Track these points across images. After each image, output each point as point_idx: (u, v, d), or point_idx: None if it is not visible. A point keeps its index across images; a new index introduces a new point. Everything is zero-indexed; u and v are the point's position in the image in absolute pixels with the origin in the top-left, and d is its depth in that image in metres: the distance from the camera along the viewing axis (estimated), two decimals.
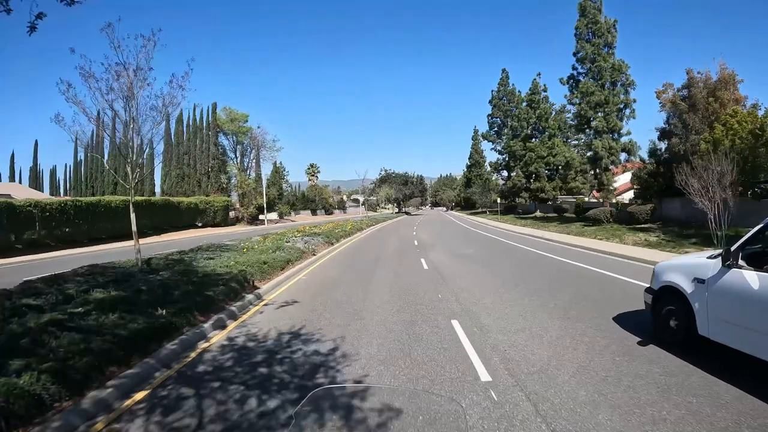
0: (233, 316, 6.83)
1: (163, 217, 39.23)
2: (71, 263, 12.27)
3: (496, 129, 67.41)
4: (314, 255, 13.93)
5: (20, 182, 61.33)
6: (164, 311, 5.95)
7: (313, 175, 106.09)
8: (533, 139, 50.95)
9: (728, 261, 4.15)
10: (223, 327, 6.34)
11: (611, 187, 30.93)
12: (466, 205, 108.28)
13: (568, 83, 33.33)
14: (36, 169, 67.56)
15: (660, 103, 28.12)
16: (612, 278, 9.61)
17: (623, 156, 31.45)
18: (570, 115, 38.03)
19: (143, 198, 37.09)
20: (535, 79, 52.03)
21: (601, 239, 19.41)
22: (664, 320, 5.01)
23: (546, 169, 48.44)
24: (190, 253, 11.83)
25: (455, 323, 6.13)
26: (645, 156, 29.85)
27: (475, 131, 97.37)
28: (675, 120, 25.95)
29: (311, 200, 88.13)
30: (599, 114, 30.90)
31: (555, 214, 42.28)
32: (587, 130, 32.50)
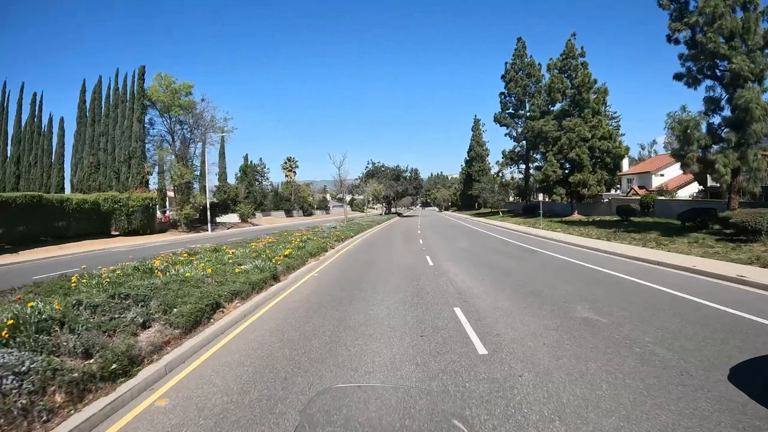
0: None
1: (33, 224, 25.42)
2: None
3: (511, 109, 55.00)
4: None
5: None
6: None
7: (290, 171, 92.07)
8: (567, 118, 38.24)
9: None
10: None
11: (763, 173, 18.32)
12: (464, 204, 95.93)
13: (669, 7, 20.70)
14: None
15: None
16: None
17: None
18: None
19: None
20: (569, 40, 39.50)
21: None
22: None
23: (589, 156, 35.83)
24: None
25: None
26: None
27: (476, 121, 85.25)
28: None
29: (286, 199, 74.19)
30: (735, 50, 18.38)
31: (617, 217, 29.73)
32: (705, 81, 20.02)
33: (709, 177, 34.98)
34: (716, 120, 20.32)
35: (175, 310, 5.82)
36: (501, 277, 9.75)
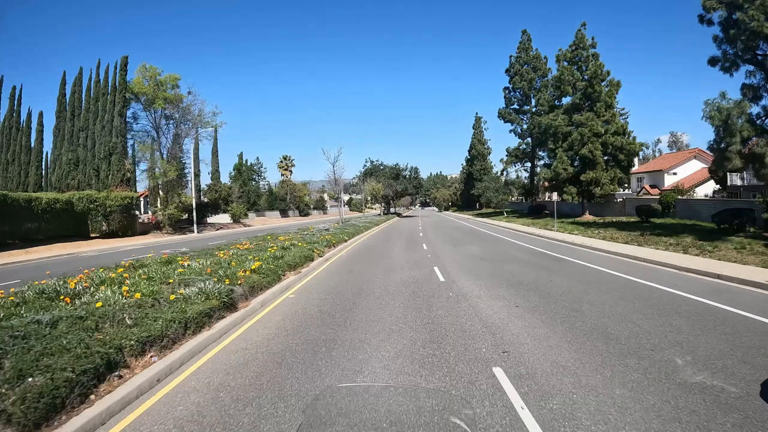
0: None
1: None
2: None
3: (516, 105, 52.64)
4: None
5: None
6: None
7: (286, 170, 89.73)
8: (578, 112, 35.86)
9: None
10: None
11: None
12: (465, 204, 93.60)
13: None
14: None
15: None
16: None
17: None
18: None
19: None
20: (579, 30, 37.17)
21: None
22: None
23: (602, 153, 33.46)
24: None
25: None
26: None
27: (477, 119, 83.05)
28: None
29: (281, 199, 71.64)
30: None
31: (634, 218, 27.44)
32: (743, 66, 17.78)
33: (729, 175, 32.68)
34: (754, 110, 18.15)
35: (29, 380, 3.44)
36: (540, 303, 7.32)
